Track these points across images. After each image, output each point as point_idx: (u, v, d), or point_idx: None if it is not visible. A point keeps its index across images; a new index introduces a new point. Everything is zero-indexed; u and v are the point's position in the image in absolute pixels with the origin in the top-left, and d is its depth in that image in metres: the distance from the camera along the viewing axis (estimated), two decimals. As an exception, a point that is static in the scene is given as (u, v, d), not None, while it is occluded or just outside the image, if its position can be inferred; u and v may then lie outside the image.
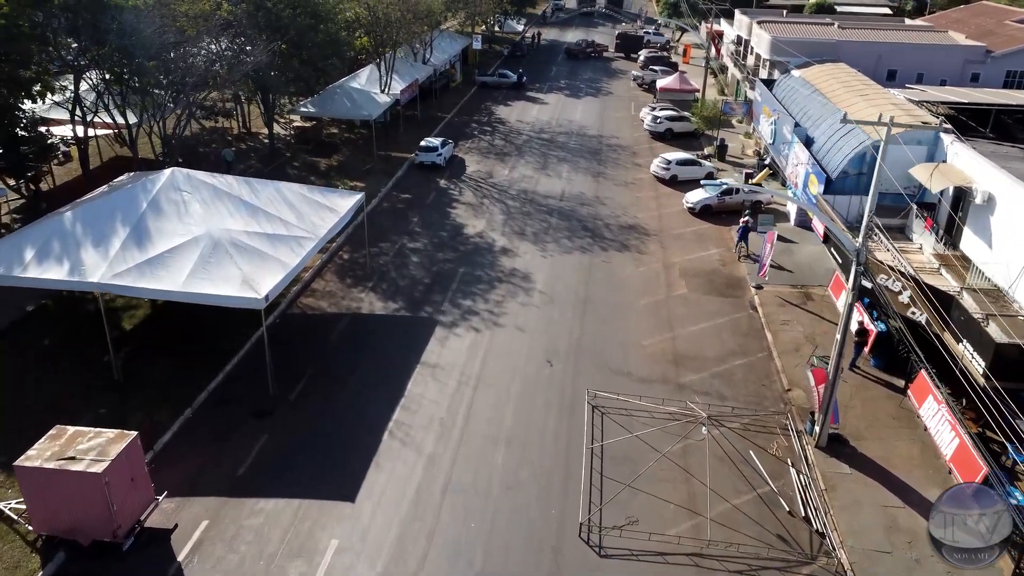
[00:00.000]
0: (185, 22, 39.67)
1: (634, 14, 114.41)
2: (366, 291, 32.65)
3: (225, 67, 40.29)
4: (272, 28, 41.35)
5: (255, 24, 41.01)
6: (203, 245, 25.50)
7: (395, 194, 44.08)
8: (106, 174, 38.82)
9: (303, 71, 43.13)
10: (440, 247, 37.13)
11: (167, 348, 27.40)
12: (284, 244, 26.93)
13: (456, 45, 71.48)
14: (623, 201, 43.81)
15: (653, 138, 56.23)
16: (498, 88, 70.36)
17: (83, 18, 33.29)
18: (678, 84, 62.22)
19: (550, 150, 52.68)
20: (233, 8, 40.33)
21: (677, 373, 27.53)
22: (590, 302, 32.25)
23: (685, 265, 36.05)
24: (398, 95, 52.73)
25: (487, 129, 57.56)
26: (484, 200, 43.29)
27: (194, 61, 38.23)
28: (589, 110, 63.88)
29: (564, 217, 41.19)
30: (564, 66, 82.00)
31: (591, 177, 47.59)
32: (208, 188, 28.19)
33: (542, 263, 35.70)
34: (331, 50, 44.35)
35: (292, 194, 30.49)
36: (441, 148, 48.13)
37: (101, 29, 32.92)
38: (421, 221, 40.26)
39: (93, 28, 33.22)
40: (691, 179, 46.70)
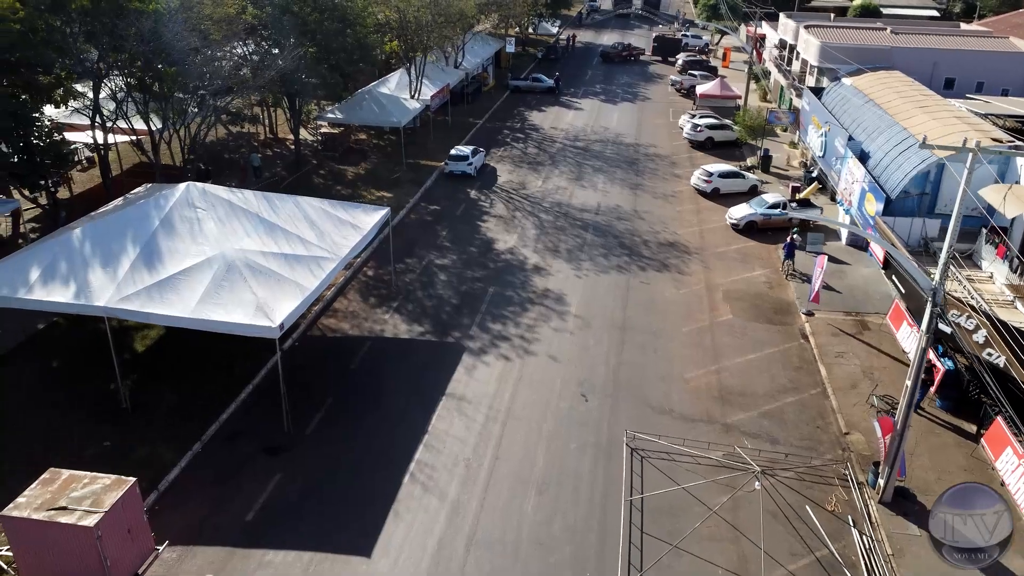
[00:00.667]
0: (210, 25, 38.38)
1: (671, 16, 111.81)
2: (390, 312, 30.90)
3: (250, 72, 38.91)
4: (299, 32, 39.80)
5: (281, 28, 39.51)
6: (216, 267, 23.88)
7: (423, 205, 42.33)
8: (128, 181, 37.62)
9: (330, 77, 41.53)
10: (469, 264, 35.27)
11: (179, 373, 25.87)
12: (303, 265, 25.24)
13: (489, 48, 69.67)
14: (662, 215, 41.62)
15: (692, 147, 53.90)
16: (531, 93, 68.41)
17: (101, 23, 31.93)
18: (719, 90, 59.78)
19: (585, 159, 50.62)
20: (259, 12, 38.84)
21: (723, 411, 25.36)
22: (628, 328, 30.17)
23: (729, 287, 33.81)
24: (428, 101, 51.04)
25: (520, 136, 55.65)
26: (516, 213, 41.37)
27: (219, 66, 36.83)
28: (626, 116, 61.68)
29: (600, 232, 39.12)
30: (599, 70, 79.81)
31: (628, 189, 45.45)
32: (224, 204, 26.61)
33: (577, 283, 33.68)
34: (359, 55, 42.71)
35: (313, 210, 28.83)
36: (472, 157, 46.31)
37: (119, 35, 31.52)
38: (450, 235, 38.44)
39: (111, 34, 31.84)
40: (734, 192, 44.41)
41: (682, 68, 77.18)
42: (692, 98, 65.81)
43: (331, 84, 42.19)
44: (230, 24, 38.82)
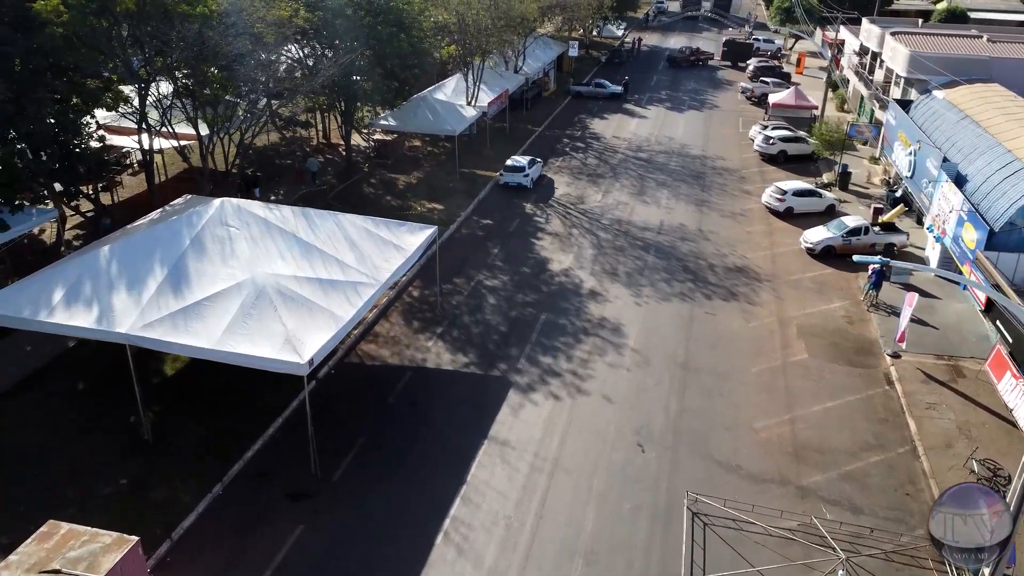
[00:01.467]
0: (263, 28, 37.01)
1: (742, 19, 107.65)
2: (434, 339, 28.87)
3: (301, 77, 37.44)
4: (352, 37, 38.15)
5: (333, 32, 37.91)
6: (245, 293, 22.16)
7: (475, 219, 40.26)
8: (175, 187, 36.56)
9: (382, 82, 39.79)
10: (521, 286, 33.03)
11: (205, 401, 24.27)
12: (339, 292, 23.35)
13: (551, 52, 67.30)
14: (730, 237, 38.68)
15: (763, 160, 50.63)
16: (594, 99, 65.81)
17: (147, 27, 30.70)
18: (793, 100, 56.24)
19: (648, 172, 47.87)
20: (310, 16, 37.28)
21: (798, 471, 22.55)
22: (691, 367, 27.51)
23: (804, 321, 30.82)
24: (485, 107, 48.98)
25: (580, 145, 53.18)
26: (573, 230, 38.96)
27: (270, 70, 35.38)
28: (692, 126, 58.62)
29: (662, 255, 36.42)
30: (666, 75, 76.71)
31: (694, 206, 42.58)
32: (259, 223, 24.92)
33: (635, 312, 31.12)
34: (413, 60, 40.85)
35: (354, 229, 26.95)
36: (528, 168, 44.06)
37: (164, 39, 30.22)
38: (502, 253, 36.26)
39: (156, 38, 30.59)
40: (809, 212, 41.18)
41: (753, 74, 73.53)
42: (764, 107, 62.32)
43: (384, 90, 40.44)
44: (282, 27, 37.42)
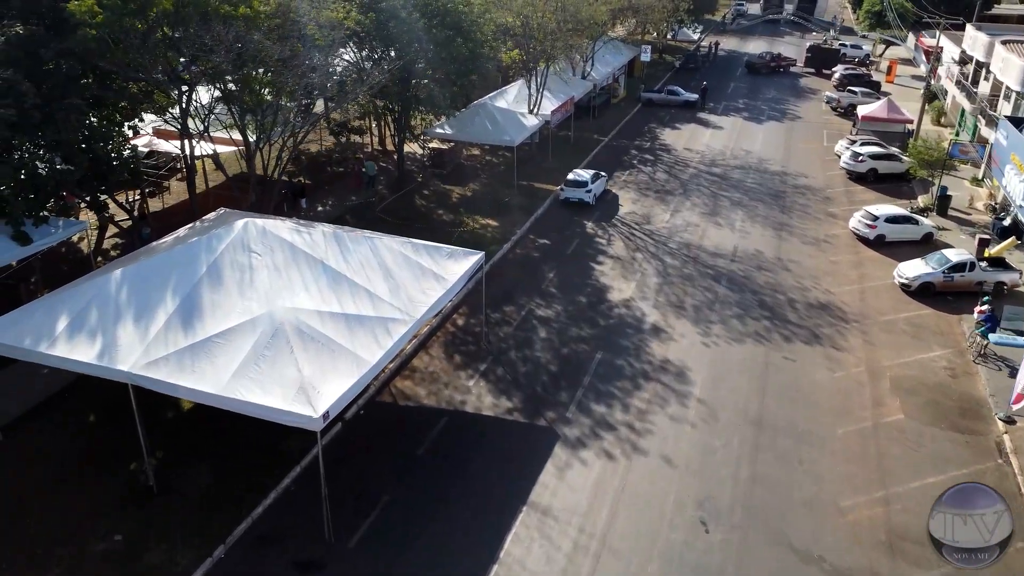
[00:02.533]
0: (315, 29, 34.92)
1: (827, 23, 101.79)
2: (476, 377, 26.09)
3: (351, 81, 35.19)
4: (405, 41, 35.72)
5: (387, 35, 35.55)
6: (260, 331, 19.77)
7: (531, 238, 37.36)
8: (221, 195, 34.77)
9: (437, 89, 37.25)
10: (576, 318, 29.99)
11: (217, 444, 22.01)
12: (367, 331, 20.78)
13: (621, 57, 63.85)
14: (813, 267, 34.79)
15: (851, 179, 46.30)
16: (666, 107, 62.11)
17: (186, 30, 28.79)
18: (886, 112, 51.51)
19: (722, 190, 44.14)
20: (362, 18, 34.99)
21: (893, 566, 18.96)
22: (765, 424, 24.02)
23: (899, 373, 26.93)
24: (548, 116, 46.04)
25: (648, 158, 49.71)
26: (636, 254, 35.67)
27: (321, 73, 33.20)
28: (772, 138, 54.44)
29: (735, 286, 32.84)
30: (743, 82, 72.35)
31: (772, 230, 38.74)
32: (284, 248, 22.53)
33: (703, 354, 27.73)
34: (471, 66, 38.17)
35: (392, 255, 24.36)
36: (591, 183, 40.91)
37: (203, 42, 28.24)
38: (558, 278, 33.28)
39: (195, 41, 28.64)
40: (903, 241, 36.95)
41: (839, 83, 68.68)
42: (851, 119, 57.62)
43: (439, 97, 37.91)
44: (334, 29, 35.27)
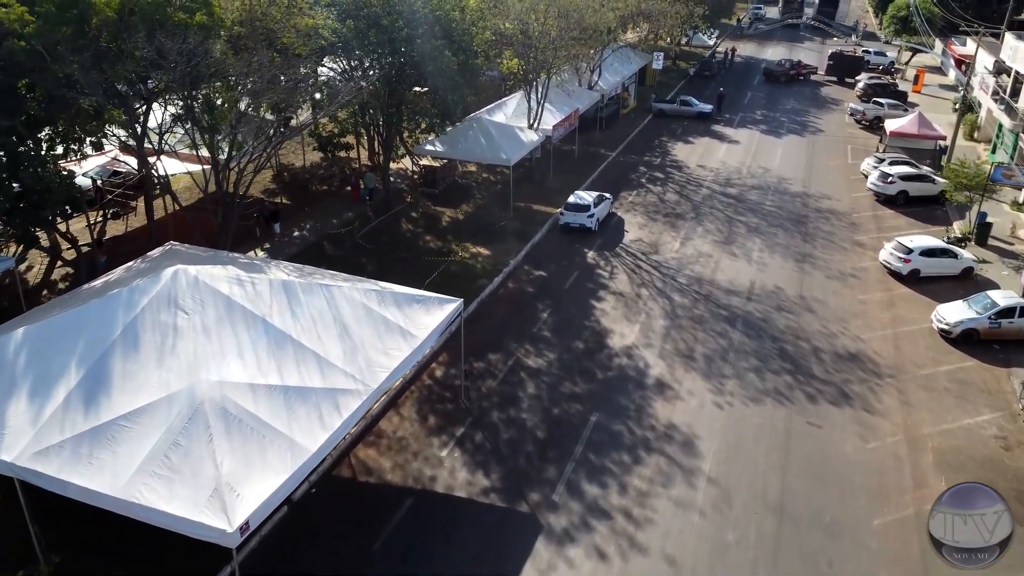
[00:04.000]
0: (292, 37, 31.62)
1: (849, 28, 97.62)
2: (451, 445, 22.57)
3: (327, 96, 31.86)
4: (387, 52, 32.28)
5: (366, 46, 32.12)
6: (176, 411, 16.36)
7: (526, 269, 33.81)
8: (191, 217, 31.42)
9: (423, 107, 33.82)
10: (570, 369, 26.42)
11: (129, 545, 18.47)
12: (311, 407, 17.34)
13: (632, 65, 60.05)
14: (840, 307, 31.03)
15: (879, 202, 42.44)
16: (679, 118, 58.37)
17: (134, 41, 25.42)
18: (916, 128, 47.57)
19: (738, 213, 40.39)
20: (339, 27, 31.60)
21: None
22: (788, 513, 20.34)
23: (942, 443, 23.18)
24: (549, 131, 42.48)
25: (658, 176, 46.02)
26: (642, 290, 32.03)
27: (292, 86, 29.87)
28: (792, 155, 50.60)
29: (752, 331, 29.14)
30: (761, 91, 68.46)
31: (793, 262, 34.98)
32: (220, 303, 19.08)
33: (715, 418, 24.07)
34: (462, 80, 34.65)
35: (352, 307, 20.89)
36: (594, 207, 37.27)
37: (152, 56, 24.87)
38: (552, 318, 29.72)
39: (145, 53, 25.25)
40: (940, 275, 33.19)
41: (863, 93, 64.74)
42: (878, 133, 53.73)
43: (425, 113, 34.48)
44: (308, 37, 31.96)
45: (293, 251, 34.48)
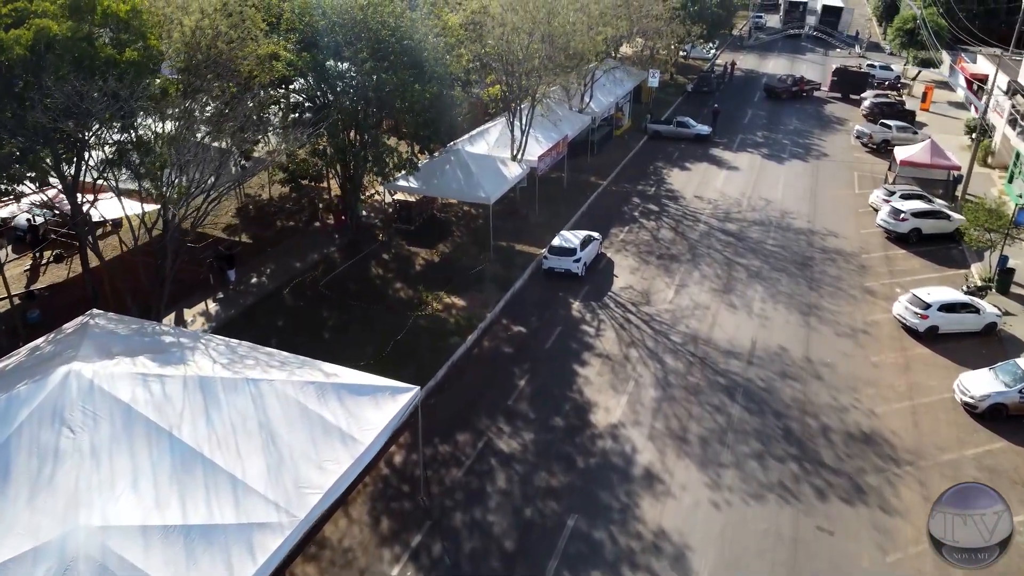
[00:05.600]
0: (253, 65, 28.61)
1: (852, 38, 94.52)
2: (403, 560, 19.43)
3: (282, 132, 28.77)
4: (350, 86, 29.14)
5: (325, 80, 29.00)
6: (41, 573, 13.20)
7: (504, 324, 30.69)
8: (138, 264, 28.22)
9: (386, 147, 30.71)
10: (547, 454, 23.29)
11: None
12: (219, 553, 14.23)
13: (627, 83, 56.82)
14: (851, 373, 27.90)
15: (889, 239, 39.31)
16: (675, 141, 55.23)
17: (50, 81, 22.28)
18: (928, 157, 44.40)
19: (737, 255, 37.24)
20: (294, 59, 28.47)
21: None
22: (797, 656, 17.23)
23: (974, 554, 20.00)
24: (535, 162, 39.35)
25: (652, 209, 42.88)
26: (631, 351, 28.90)
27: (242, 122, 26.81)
28: (795, 182, 47.48)
29: (753, 404, 26.00)
30: (762, 109, 65.33)
31: (798, 313, 31.86)
32: (118, 414, 15.93)
33: (711, 521, 20.92)
34: (434, 114, 31.51)
35: (285, 406, 17.77)
36: (581, 249, 34.13)
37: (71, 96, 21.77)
38: (530, 387, 26.59)
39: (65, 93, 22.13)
40: (960, 332, 30.12)
41: (869, 112, 61.51)
42: (885, 157, 50.63)
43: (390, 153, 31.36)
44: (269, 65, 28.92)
45: (249, 302, 31.39)
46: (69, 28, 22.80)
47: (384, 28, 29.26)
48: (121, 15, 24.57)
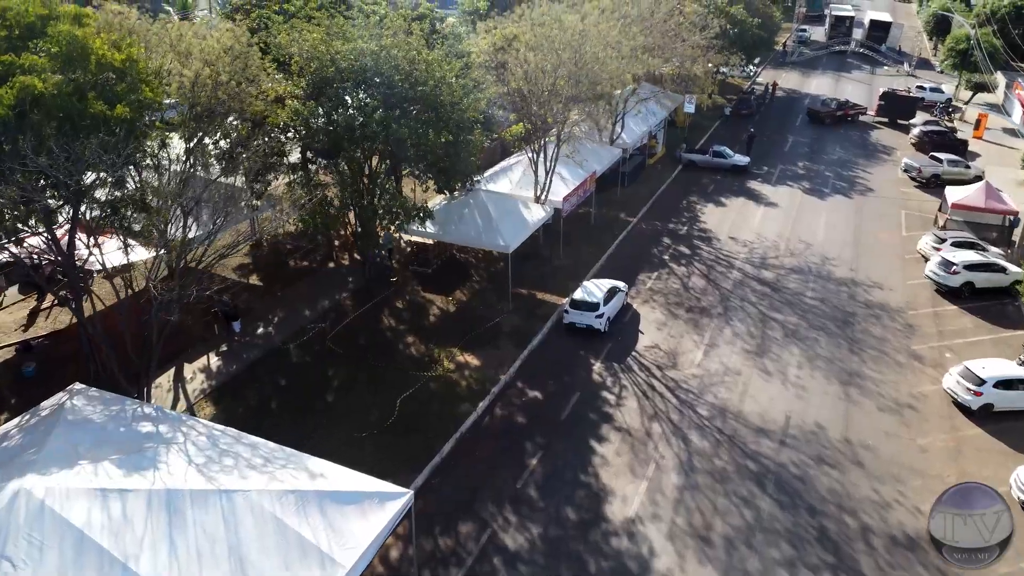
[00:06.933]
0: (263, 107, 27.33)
1: (900, 54, 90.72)
2: None
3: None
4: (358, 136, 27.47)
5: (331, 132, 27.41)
6: None
7: (519, 387, 28.81)
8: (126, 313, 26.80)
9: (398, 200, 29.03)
10: (556, 553, 21.35)
11: None
12: None
13: (659, 114, 54.11)
14: (894, 458, 25.48)
15: (940, 293, 36.59)
16: (711, 170, 52.80)
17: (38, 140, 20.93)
18: (983, 200, 41.46)
19: (773, 308, 34.85)
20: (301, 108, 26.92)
21: None
22: None
23: None
24: (559, 203, 37.37)
25: (683, 251, 40.60)
26: (653, 424, 26.80)
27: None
28: (837, 223, 44.78)
29: (786, 496, 23.73)
30: (804, 135, 62.43)
31: (837, 384, 29.45)
32: (68, 539, 14.44)
33: (734, 647, 18.82)
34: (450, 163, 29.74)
35: (259, 521, 16.13)
36: (604, 304, 32.06)
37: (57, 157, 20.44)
38: (542, 468, 24.66)
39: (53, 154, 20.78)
40: (1018, 411, 27.51)
41: (919, 140, 58.45)
42: (934, 193, 47.72)
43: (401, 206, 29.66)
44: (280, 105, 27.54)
45: (253, 356, 29.95)
46: (55, 84, 21.45)
47: (397, 73, 27.54)
48: (116, 64, 23.25)
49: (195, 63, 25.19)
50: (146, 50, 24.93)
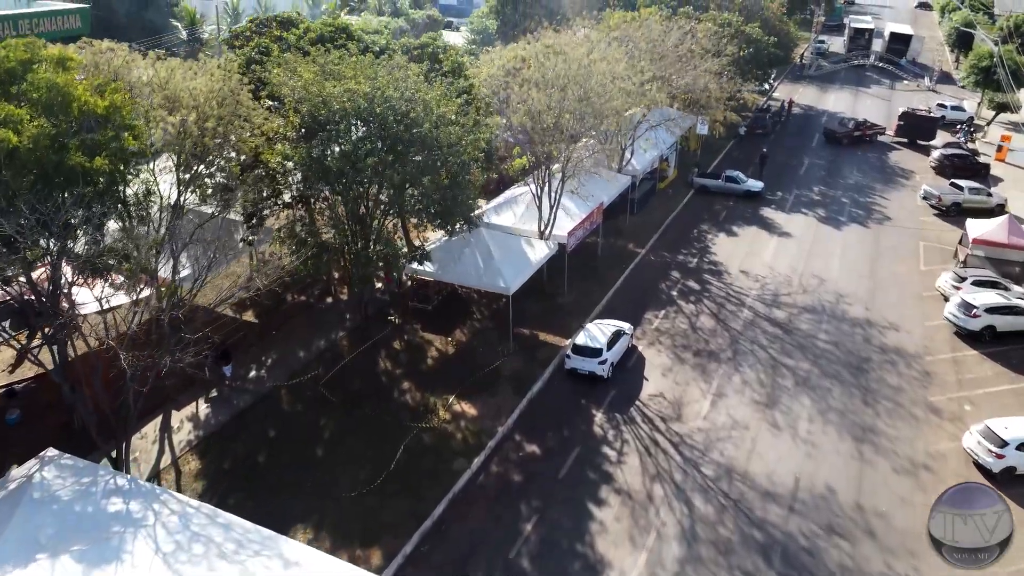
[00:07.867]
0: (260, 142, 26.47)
1: (921, 67, 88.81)
2: None
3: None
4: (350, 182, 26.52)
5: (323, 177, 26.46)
6: None
7: (517, 440, 27.74)
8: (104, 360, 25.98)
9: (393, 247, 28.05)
10: (547, 636, 20.25)
11: None
12: None
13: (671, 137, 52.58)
14: (910, 528, 24.12)
15: (959, 336, 35.14)
16: (723, 196, 51.48)
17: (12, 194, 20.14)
18: (1005, 236, 39.89)
19: (784, 353, 33.54)
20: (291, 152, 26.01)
21: None
22: None
23: None
24: (564, 238, 36.17)
25: (692, 287, 39.33)
26: (655, 486, 25.61)
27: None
28: (853, 255, 43.34)
29: (793, 573, 22.46)
30: (820, 156, 60.94)
31: (850, 440, 28.13)
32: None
33: None
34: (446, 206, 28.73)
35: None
36: (608, 349, 30.89)
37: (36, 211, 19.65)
38: (536, 534, 23.56)
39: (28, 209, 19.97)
40: (1042, 475, 26.11)
41: (939, 164, 56.88)
42: (955, 222, 46.17)
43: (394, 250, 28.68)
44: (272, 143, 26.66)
45: (243, 403, 29.09)
46: (31, 138, 20.58)
47: (393, 114, 26.53)
48: (99, 112, 22.42)
49: (181, 109, 24.27)
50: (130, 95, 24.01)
